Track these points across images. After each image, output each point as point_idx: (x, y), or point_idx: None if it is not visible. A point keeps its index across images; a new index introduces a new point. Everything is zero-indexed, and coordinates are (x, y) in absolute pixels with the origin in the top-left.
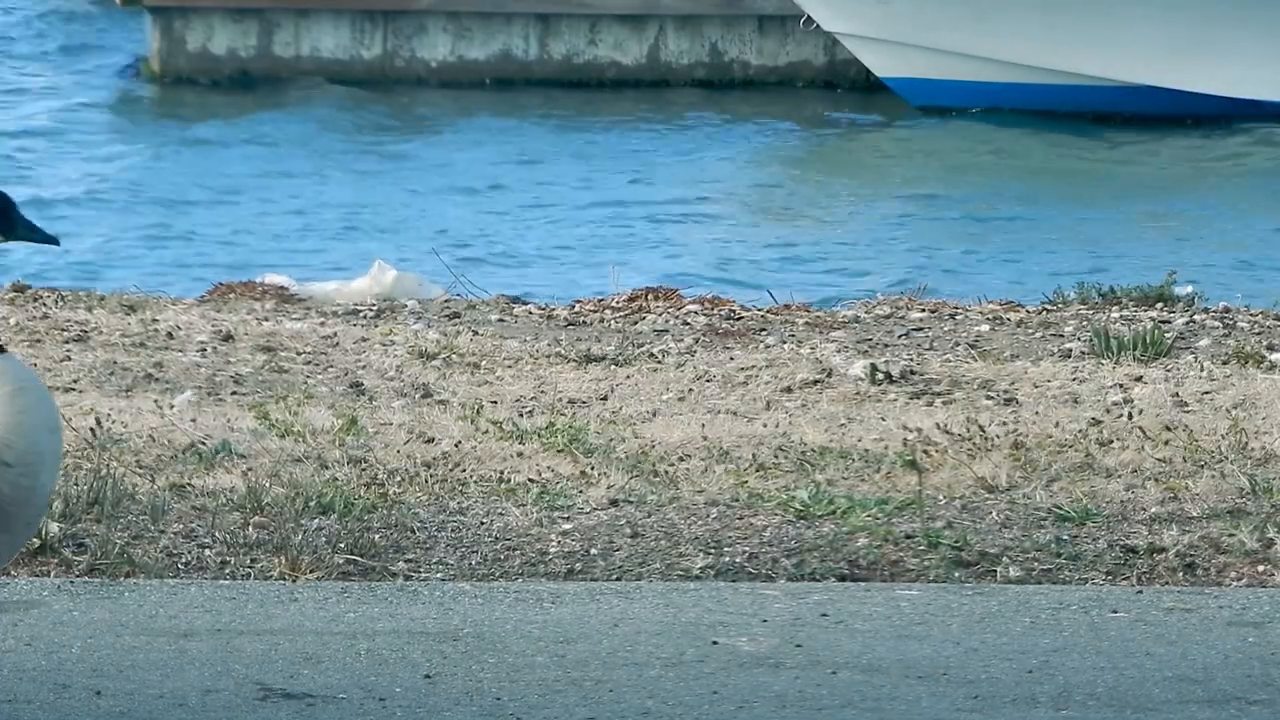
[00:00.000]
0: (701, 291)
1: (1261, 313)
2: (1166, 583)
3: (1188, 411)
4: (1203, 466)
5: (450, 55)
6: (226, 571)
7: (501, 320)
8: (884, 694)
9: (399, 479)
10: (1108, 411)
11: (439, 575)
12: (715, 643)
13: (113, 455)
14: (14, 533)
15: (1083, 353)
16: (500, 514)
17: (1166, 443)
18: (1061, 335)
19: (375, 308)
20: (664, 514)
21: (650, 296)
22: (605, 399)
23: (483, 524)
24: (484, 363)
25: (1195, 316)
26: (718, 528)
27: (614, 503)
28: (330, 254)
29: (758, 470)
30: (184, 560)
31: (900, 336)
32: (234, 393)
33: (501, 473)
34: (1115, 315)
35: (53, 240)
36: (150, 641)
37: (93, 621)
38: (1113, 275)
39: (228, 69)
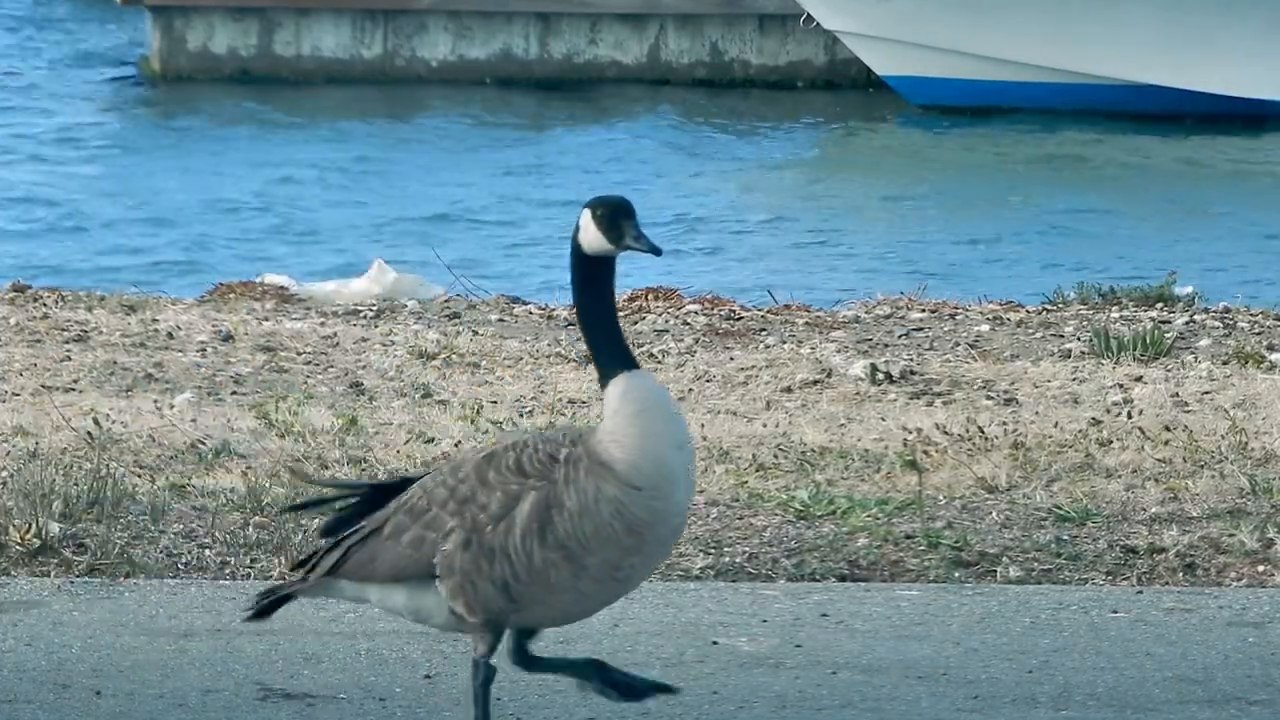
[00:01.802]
0: (701, 292)
1: (1261, 313)
2: (1166, 583)
3: (1188, 411)
4: (1203, 466)
5: (451, 54)
6: (226, 571)
7: (501, 320)
8: (884, 694)
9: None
10: (1108, 411)
11: None
12: (715, 643)
13: (113, 455)
14: (646, 554)
15: (1083, 353)
16: None
17: (1166, 443)
18: (1061, 335)
19: (375, 308)
20: None
21: (650, 296)
22: None
23: None
24: (484, 363)
25: (1195, 316)
26: (718, 528)
27: None
28: (331, 253)
29: (758, 470)
30: (184, 560)
31: (900, 336)
32: (234, 393)
33: None
34: (1115, 315)
35: (655, 250)
36: (150, 641)
37: (93, 621)
38: (1113, 274)
39: (228, 68)
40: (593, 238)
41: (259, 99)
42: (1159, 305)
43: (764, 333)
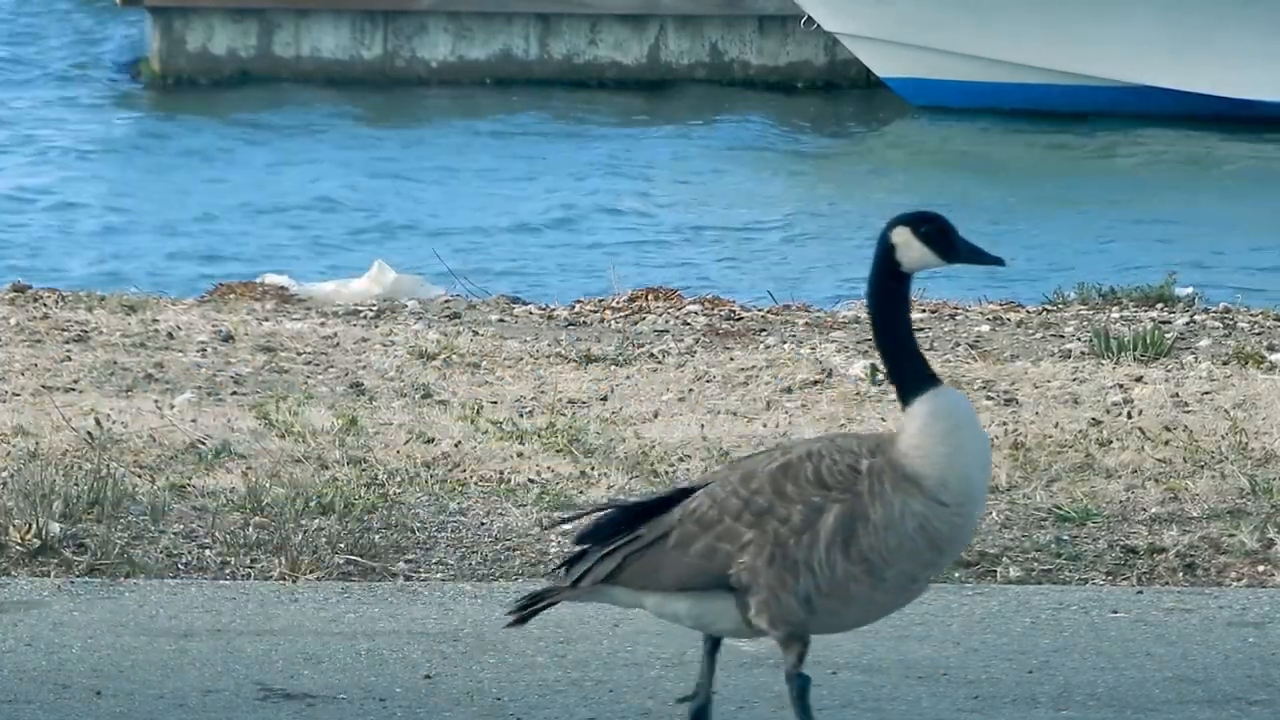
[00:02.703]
0: (701, 292)
1: (1261, 313)
2: (1166, 583)
3: (1188, 412)
4: (1203, 467)
5: (450, 55)
6: (226, 571)
7: (501, 320)
8: (884, 694)
9: (399, 479)
10: (1108, 412)
11: (439, 575)
12: None
13: (113, 455)
14: (938, 566)
15: (1083, 353)
16: (500, 514)
17: (1166, 443)
18: (1061, 335)
19: (375, 308)
20: None
21: (650, 297)
22: (605, 399)
23: (483, 524)
24: (484, 363)
25: (1195, 317)
26: None
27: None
28: (331, 254)
29: None
30: (184, 560)
31: None
32: (234, 393)
33: (501, 473)
34: (1115, 315)
35: (998, 261)
36: (150, 641)
37: (93, 621)
38: (1113, 275)
39: (228, 69)
40: (918, 255)
41: (259, 100)
42: (1159, 305)
43: (764, 333)
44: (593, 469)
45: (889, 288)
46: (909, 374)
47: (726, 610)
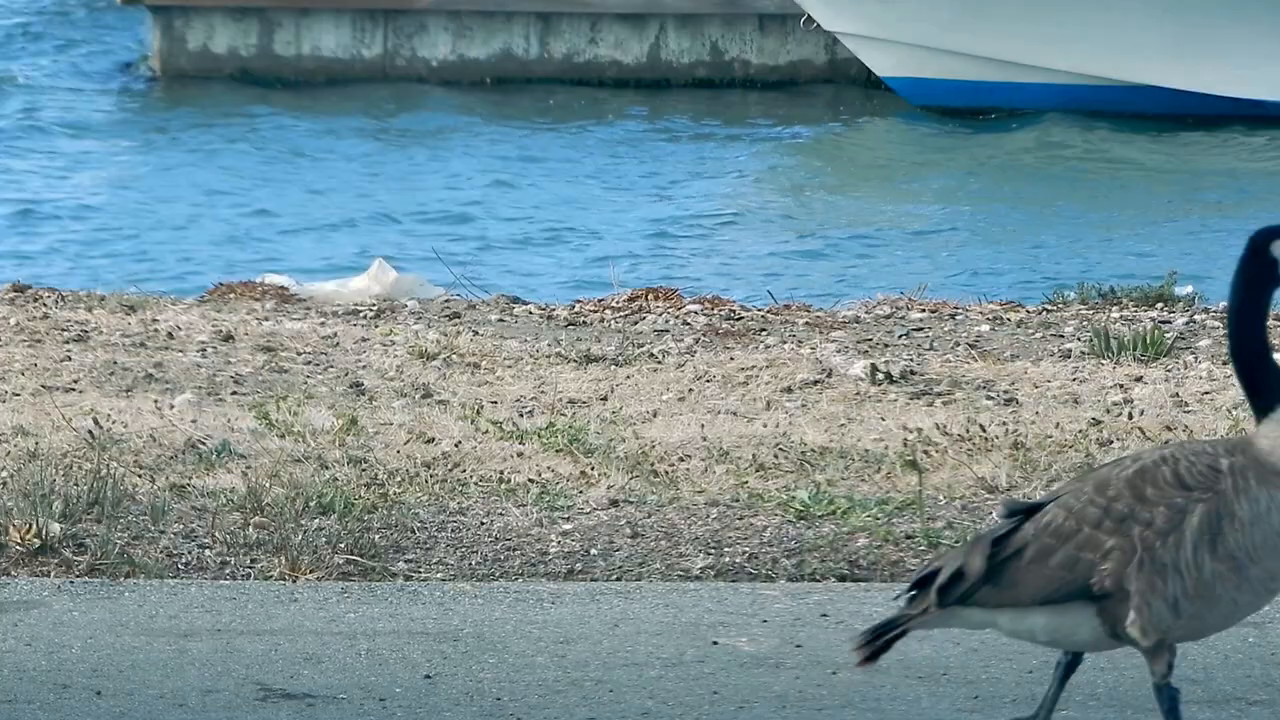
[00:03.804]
0: (701, 292)
1: None
2: None
3: (1188, 411)
4: None
5: (451, 54)
6: (226, 571)
7: (501, 320)
8: (884, 694)
9: (399, 479)
10: (1108, 412)
11: (439, 575)
12: (715, 643)
13: (113, 455)
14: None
15: (1083, 353)
16: (500, 514)
17: (1166, 443)
18: (1061, 335)
19: (375, 308)
20: (664, 514)
21: (650, 296)
22: (605, 399)
23: (483, 524)
24: (484, 363)
25: (1195, 316)
26: (718, 528)
27: (614, 503)
28: (331, 253)
29: (758, 470)
30: (184, 560)
31: (900, 336)
32: (234, 393)
33: (501, 473)
34: (1115, 315)
35: None
36: (150, 641)
37: (93, 621)
38: (1113, 275)
39: (228, 68)
40: None
41: (259, 99)
42: (1159, 305)
43: (764, 333)
44: (593, 469)
45: (1267, 300)
46: (1275, 381)
47: (1085, 621)
